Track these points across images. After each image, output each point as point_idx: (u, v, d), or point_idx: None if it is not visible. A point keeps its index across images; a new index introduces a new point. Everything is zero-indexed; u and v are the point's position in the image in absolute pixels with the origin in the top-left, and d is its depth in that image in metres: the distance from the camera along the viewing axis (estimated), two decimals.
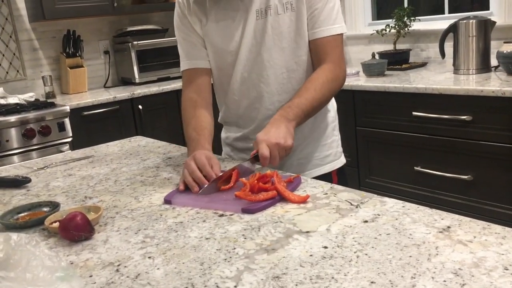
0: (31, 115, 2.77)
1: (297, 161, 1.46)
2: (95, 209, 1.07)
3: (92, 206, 1.08)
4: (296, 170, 1.40)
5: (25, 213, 1.11)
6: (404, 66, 2.99)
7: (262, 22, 1.34)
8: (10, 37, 3.31)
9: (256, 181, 1.11)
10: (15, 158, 2.72)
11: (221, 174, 1.17)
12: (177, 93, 3.34)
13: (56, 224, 0.98)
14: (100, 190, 1.26)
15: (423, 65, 3.04)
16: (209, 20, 1.39)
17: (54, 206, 1.12)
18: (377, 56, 3.07)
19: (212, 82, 1.49)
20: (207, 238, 0.90)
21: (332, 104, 1.54)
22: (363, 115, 2.73)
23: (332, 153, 1.51)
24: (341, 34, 1.36)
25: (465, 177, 2.32)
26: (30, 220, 1.06)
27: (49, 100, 3.10)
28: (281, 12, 1.33)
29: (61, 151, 2.79)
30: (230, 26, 1.37)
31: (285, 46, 1.36)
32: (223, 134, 1.59)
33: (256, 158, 1.19)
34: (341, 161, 1.55)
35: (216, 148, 1.42)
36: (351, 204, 1.00)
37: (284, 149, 1.19)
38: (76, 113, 2.95)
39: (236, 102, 1.46)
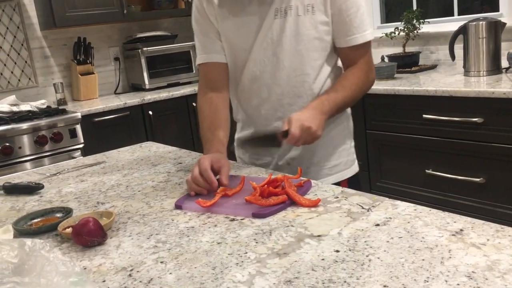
0: (43, 122, 2.80)
1: (305, 169, 1.42)
2: (107, 214, 1.07)
3: (104, 211, 1.09)
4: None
5: (38, 219, 1.12)
6: (413, 68, 2.97)
7: (281, 21, 1.31)
8: (22, 45, 3.35)
9: (266, 185, 1.11)
10: (28, 164, 2.74)
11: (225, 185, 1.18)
12: (186, 98, 3.35)
13: (69, 230, 0.99)
14: (112, 196, 1.27)
15: (433, 67, 3.02)
16: (226, 14, 1.37)
17: (67, 212, 1.13)
18: (386, 59, 3.06)
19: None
20: (218, 243, 0.91)
21: (346, 111, 1.50)
22: (373, 118, 2.72)
23: (342, 162, 1.47)
24: (370, 40, 1.36)
25: (477, 179, 2.30)
26: (44, 226, 1.07)
27: (60, 107, 3.13)
28: (301, 14, 1.30)
29: (73, 157, 2.82)
30: (246, 22, 1.35)
31: (302, 49, 1.33)
32: (236, 135, 1.57)
33: (284, 135, 1.21)
34: (353, 170, 1.50)
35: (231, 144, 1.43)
36: (363, 208, 0.99)
37: (312, 136, 1.20)
38: (87, 120, 2.98)
39: (246, 101, 1.45)
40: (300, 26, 1.31)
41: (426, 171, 2.51)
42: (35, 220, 1.12)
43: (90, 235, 0.94)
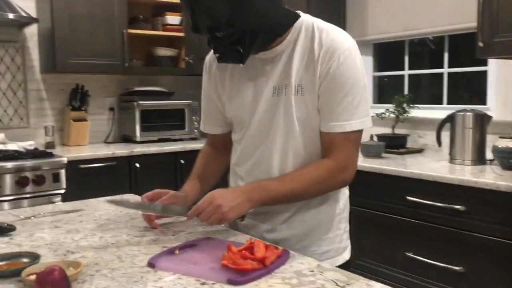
0: (27, 163, 2.77)
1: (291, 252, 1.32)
2: (75, 264, 1.04)
3: (72, 261, 1.06)
4: None
5: (4, 262, 1.08)
6: (401, 150, 3.03)
7: (276, 100, 1.30)
8: (20, 85, 3.38)
9: (244, 250, 1.09)
10: (6, 204, 2.69)
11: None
12: (176, 155, 3.35)
13: (33, 277, 0.95)
14: (84, 246, 1.24)
15: (420, 151, 3.08)
16: (227, 86, 1.38)
17: (34, 258, 1.10)
18: (375, 138, 3.12)
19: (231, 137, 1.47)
20: None
21: (344, 193, 1.41)
22: (358, 194, 2.71)
23: (333, 249, 1.38)
24: (358, 131, 1.27)
25: (457, 268, 2.28)
26: (7, 270, 1.03)
27: (48, 150, 3.11)
28: (293, 93, 1.27)
29: (53, 202, 2.76)
30: (245, 97, 1.34)
31: (295, 129, 1.29)
32: None
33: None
34: (343, 257, 1.40)
35: None
36: (337, 285, 0.98)
37: (220, 217, 1.19)
38: (73, 166, 2.95)
39: (241, 178, 1.41)
40: (291, 106, 1.28)
41: (406, 253, 2.48)
42: (0, 263, 1.08)
43: (53, 285, 0.90)
